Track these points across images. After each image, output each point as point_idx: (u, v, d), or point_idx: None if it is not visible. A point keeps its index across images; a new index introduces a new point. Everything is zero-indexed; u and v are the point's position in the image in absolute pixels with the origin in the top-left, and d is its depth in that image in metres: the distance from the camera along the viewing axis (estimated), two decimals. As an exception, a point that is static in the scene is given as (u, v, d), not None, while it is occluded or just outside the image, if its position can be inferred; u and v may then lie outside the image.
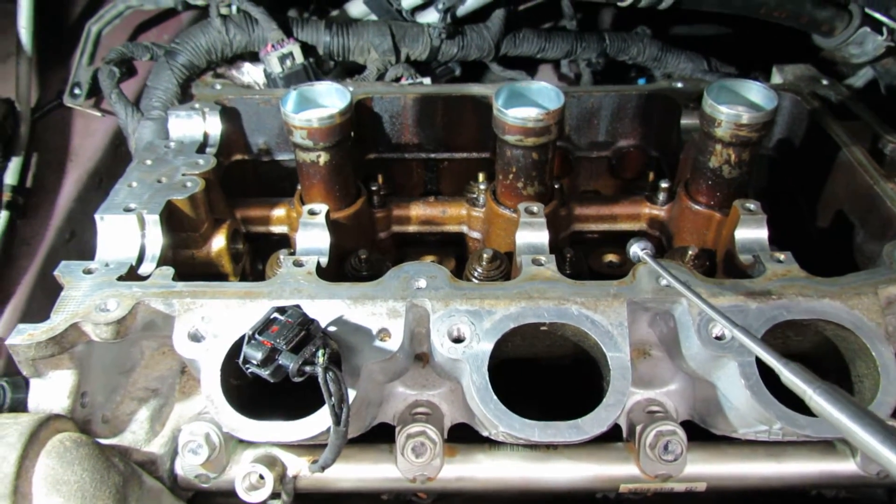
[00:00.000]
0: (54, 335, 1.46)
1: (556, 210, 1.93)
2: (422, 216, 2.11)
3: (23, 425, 1.39)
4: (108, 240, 1.75)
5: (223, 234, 1.94)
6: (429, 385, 1.71)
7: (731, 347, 1.45)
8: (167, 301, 1.54)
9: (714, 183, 1.85)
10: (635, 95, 2.22)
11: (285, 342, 1.34)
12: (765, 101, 1.77)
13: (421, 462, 1.58)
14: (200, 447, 1.56)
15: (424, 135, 2.26)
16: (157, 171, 1.91)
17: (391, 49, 2.45)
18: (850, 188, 1.93)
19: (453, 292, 1.55)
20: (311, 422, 1.41)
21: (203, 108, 2.14)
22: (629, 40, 2.72)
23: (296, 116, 1.77)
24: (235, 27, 2.34)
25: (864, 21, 2.25)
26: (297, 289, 1.57)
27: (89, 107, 2.48)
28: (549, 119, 1.73)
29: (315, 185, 1.89)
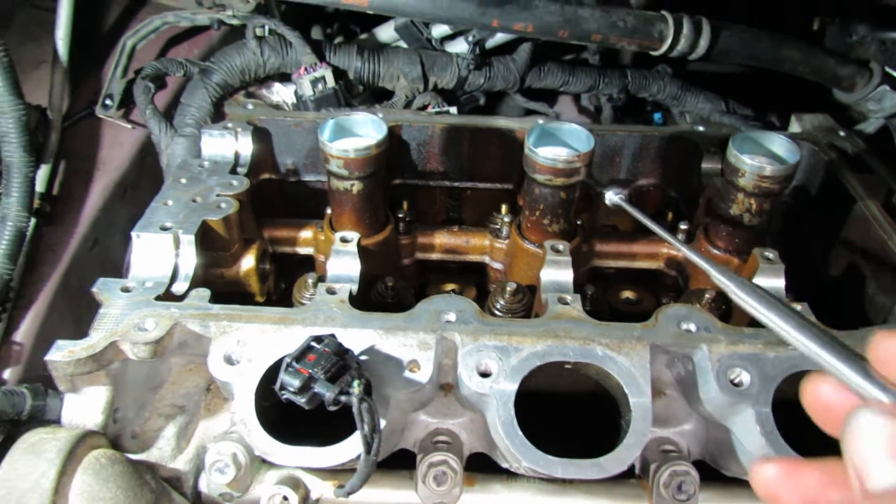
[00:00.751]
0: (94, 353, 1.50)
1: (578, 246, 1.98)
2: (445, 245, 2.15)
3: (61, 441, 1.43)
4: (143, 257, 1.79)
5: (252, 254, 1.98)
6: (450, 414, 1.75)
7: (749, 395, 1.50)
8: (204, 323, 1.58)
9: (734, 230, 1.91)
10: (657, 136, 2.28)
11: (322, 371, 1.38)
12: (788, 155, 1.82)
13: (441, 490, 1.62)
14: (227, 467, 1.60)
15: (450, 163, 2.32)
16: (192, 191, 1.96)
17: (420, 77, 2.50)
18: (864, 240, 1.98)
19: (482, 327, 1.59)
20: (342, 449, 1.45)
21: (236, 128, 2.18)
22: (650, 78, 2.79)
23: (333, 146, 1.81)
24: (270, 49, 2.39)
25: (883, 79, 2.31)
26: (331, 317, 1.61)
27: (119, 118, 2.52)
28: (579, 161, 1.78)
29: (346, 213, 1.94)
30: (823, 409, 0.81)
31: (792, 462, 0.81)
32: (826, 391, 0.81)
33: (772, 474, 0.81)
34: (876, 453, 0.68)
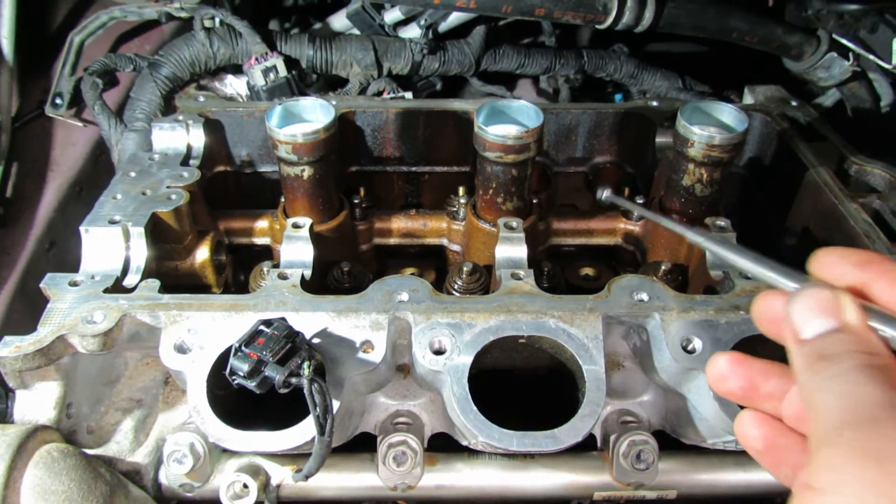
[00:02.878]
0: (41, 347, 1.48)
1: (534, 224, 1.98)
2: (403, 229, 2.15)
3: (10, 437, 1.41)
4: (92, 252, 1.77)
5: (207, 245, 1.96)
6: (409, 395, 1.75)
7: (702, 361, 1.51)
8: (153, 313, 1.56)
9: (687, 200, 1.92)
10: (612, 113, 2.29)
11: (271, 354, 1.37)
12: (736, 123, 1.83)
13: (402, 471, 1.62)
14: (185, 457, 1.59)
15: (406, 148, 2.31)
16: (142, 184, 1.94)
17: (374, 63, 2.49)
18: (816, 207, 2.00)
19: (435, 305, 1.59)
20: (296, 432, 1.44)
21: (187, 120, 2.16)
22: (606, 58, 2.79)
23: (280, 131, 1.80)
24: (219, 40, 2.37)
25: (831, 46, 2.33)
26: (282, 301, 1.60)
27: (70, 117, 2.49)
28: (528, 137, 1.78)
29: (299, 199, 1.93)
30: (771, 319, 0.96)
31: (741, 355, 1.00)
32: (775, 304, 0.96)
33: (722, 362, 1.01)
34: (807, 312, 0.87)
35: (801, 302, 0.89)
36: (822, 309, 0.87)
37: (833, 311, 0.86)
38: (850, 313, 0.86)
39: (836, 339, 0.84)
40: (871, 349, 0.83)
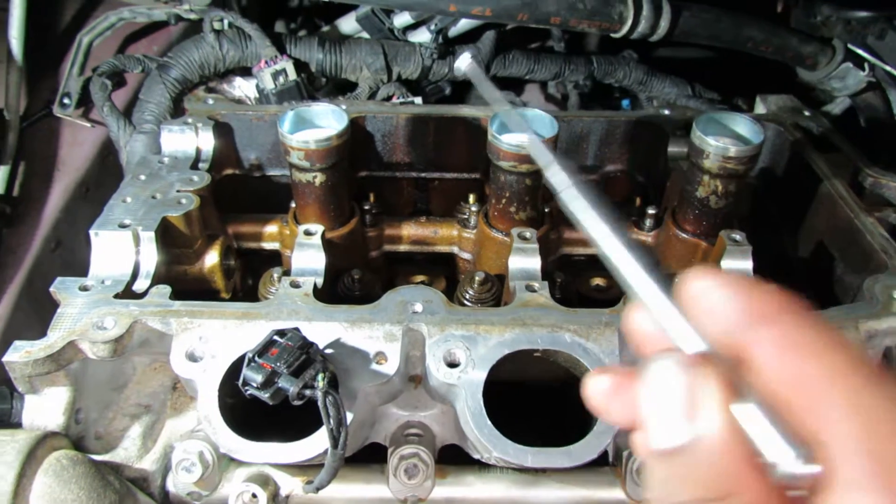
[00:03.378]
0: (51, 353, 1.46)
1: (546, 234, 1.96)
2: (413, 236, 2.13)
3: (20, 443, 1.39)
4: (102, 256, 1.75)
5: (216, 250, 1.95)
6: (421, 406, 1.73)
7: (718, 376, 1.49)
8: (165, 320, 1.55)
9: (701, 212, 1.90)
10: (623, 121, 2.27)
11: (285, 365, 1.36)
12: (752, 135, 1.82)
13: (413, 483, 1.61)
14: (194, 465, 1.57)
15: (416, 154, 2.29)
16: (152, 187, 1.92)
17: (383, 68, 2.47)
18: (831, 220, 1.98)
19: (449, 317, 1.57)
20: (309, 444, 1.42)
21: (196, 123, 2.14)
22: (616, 64, 2.78)
23: (293, 137, 1.79)
24: (229, 42, 2.35)
25: (846, 56, 2.32)
26: (295, 310, 1.59)
27: (78, 117, 2.47)
28: (543, 147, 1.76)
29: (310, 205, 1.91)
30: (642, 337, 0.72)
31: (622, 374, 0.71)
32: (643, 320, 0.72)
33: (601, 388, 0.72)
34: (663, 406, 0.62)
35: (653, 376, 0.64)
36: (679, 398, 0.61)
37: (689, 410, 0.60)
38: (708, 415, 0.59)
39: (683, 470, 0.59)
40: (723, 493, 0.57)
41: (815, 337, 0.60)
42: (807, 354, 0.59)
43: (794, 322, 0.61)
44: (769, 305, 0.63)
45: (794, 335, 0.60)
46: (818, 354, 0.59)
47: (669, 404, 0.61)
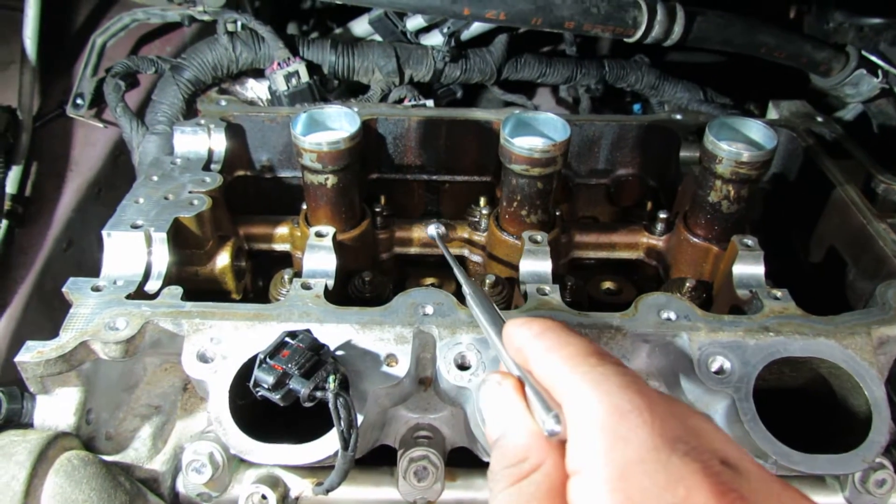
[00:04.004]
0: (63, 353, 1.47)
1: (557, 237, 1.96)
2: (424, 238, 2.13)
3: (32, 443, 1.40)
4: (114, 256, 1.76)
5: (227, 251, 1.95)
6: (430, 409, 1.73)
7: (730, 383, 1.49)
8: (176, 321, 1.55)
9: (713, 217, 1.90)
10: (636, 126, 2.27)
11: (297, 367, 1.36)
12: (765, 140, 1.81)
13: (423, 486, 1.61)
14: (204, 466, 1.58)
15: (427, 157, 2.29)
16: (164, 188, 1.93)
17: (395, 70, 2.48)
18: (843, 226, 1.98)
19: (460, 319, 1.57)
20: (319, 446, 1.42)
21: (208, 124, 2.15)
22: (628, 68, 2.78)
23: (305, 139, 1.79)
24: (242, 44, 2.36)
25: (860, 63, 2.31)
26: (306, 312, 1.59)
27: (91, 117, 2.49)
28: (555, 150, 1.76)
29: (322, 207, 1.91)
30: None
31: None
32: None
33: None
34: (489, 414, 0.93)
35: (481, 396, 0.95)
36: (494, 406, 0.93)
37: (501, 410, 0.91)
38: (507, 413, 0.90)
39: (499, 451, 0.87)
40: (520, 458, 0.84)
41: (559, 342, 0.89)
42: (550, 353, 0.88)
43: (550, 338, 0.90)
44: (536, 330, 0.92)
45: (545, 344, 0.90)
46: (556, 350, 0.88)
47: (491, 410, 0.93)
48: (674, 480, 0.71)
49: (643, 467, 0.72)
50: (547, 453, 0.82)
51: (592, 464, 0.75)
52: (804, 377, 1.67)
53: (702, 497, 0.69)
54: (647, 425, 0.75)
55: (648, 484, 0.71)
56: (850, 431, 1.54)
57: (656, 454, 0.73)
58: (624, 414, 0.76)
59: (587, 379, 0.82)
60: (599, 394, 0.79)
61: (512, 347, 0.96)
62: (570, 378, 0.83)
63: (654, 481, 0.71)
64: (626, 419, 0.76)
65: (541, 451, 0.82)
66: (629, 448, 0.74)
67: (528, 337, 0.92)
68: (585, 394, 0.80)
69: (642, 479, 0.71)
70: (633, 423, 0.75)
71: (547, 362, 0.88)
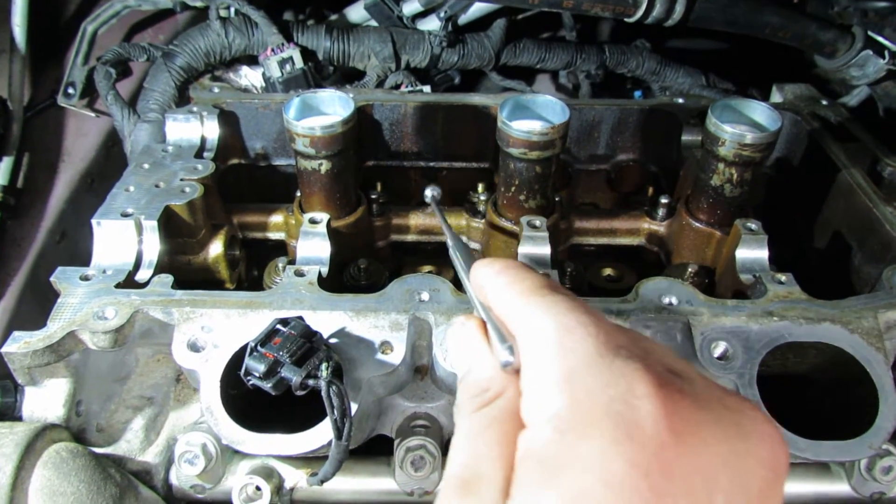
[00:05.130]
0: (51, 343, 1.43)
1: (556, 223, 1.92)
2: (421, 226, 2.10)
3: (19, 435, 1.37)
4: (104, 245, 1.72)
5: (220, 240, 1.92)
6: (427, 398, 1.70)
7: (733, 369, 1.46)
8: (166, 310, 1.52)
9: (715, 201, 1.86)
10: (636, 110, 2.22)
11: (288, 355, 1.32)
12: (768, 122, 1.77)
13: (420, 476, 1.57)
14: (197, 458, 1.55)
15: (424, 143, 2.25)
16: (155, 176, 1.89)
17: (391, 56, 2.44)
18: (849, 210, 1.94)
19: (456, 306, 1.53)
20: (312, 435, 1.39)
21: (201, 112, 2.11)
22: (628, 53, 2.73)
23: (298, 124, 1.75)
24: (235, 30, 2.32)
25: (866, 44, 2.26)
26: (299, 299, 1.55)
27: (83, 107, 2.45)
28: (554, 133, 1.72)
29: (316, 193, 1.88)
30: None
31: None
32: None
33: None
34: (455, 354, 0.99)
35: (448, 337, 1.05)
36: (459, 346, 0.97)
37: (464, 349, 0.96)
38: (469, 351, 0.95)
39: (464, 386, 0.91)
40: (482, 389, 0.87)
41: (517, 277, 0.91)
42: (508, 288, 0.90)
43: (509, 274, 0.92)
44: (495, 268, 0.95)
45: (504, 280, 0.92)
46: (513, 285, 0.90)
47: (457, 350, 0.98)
48: (616, 376, 0.75)
49: (587, 370, 0.76)
50: (509, 382, 0.86)
51: (541, 376, 0.79)
52: (809, 363, 1.63)
53: (642, 388, 0.73)
54: (592, 336, 0.79)
55: (592, 383, 0.75)
56: (856, 418, 1.51)
57: (599, 358, 0.77)
58: (570, 329, 0.80)
59: (539, 306, 0.85)
60: (548, 317, 0.83)
61: (476, 286, 0.99)
62: (524, 309, 0.86)
63: (597, 380, 0.75)
64: (572, 333, 0.80)
65: (502, 381, 0.86)
66: (574, 356, 0.78)
67: (489, 274, 0.95)
68: (536, 319, 0.84)
69: (586, 380, 0.75)
70: (578, 335, 0.79)
71: (504, 297, 0.91)
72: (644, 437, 0.70)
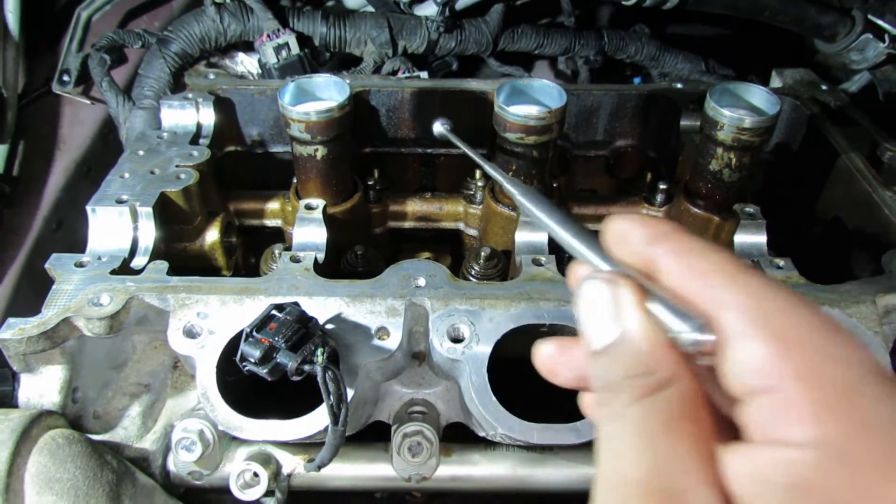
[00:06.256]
0: (46, 330, 1.43)
1: (554, 209, 1.91)
2: (418, 212, 2.09)
3: (14, 422, 1.36)
4: (99, 232, 1.72)
5: (216, 227, 1.91)
6: (425, 384, 1.69)
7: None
8: (162, 296, 1.51)
9: (714, 186, 1.85)
10: (635, 95, 2.21)
11: (284, 340, 1.32)
12: (767, 106, 1.76)
13: (417, 461, 1.57)
14: (194, 444, 1.54)
15: (421, 129, 2.24)
16: (150, 162, 1.88)
17: (388, 42, 2.42)
18: (848, 195, 1.93)
19: (453, 291, 1.53)
20: (309, 421, 1.39)
21: (196, 98, 2.10)
22: (627, 39, 2.71)
23: (293, 109, 1.74)
24: (230, 16, 2.30)
25: (866, 27, 2.24)
26: (295, 285, 1.55)
27: (78, 94, 2.44)
28: (551, 118, 1.71)
29: (312, 179, 1.87)
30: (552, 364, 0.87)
31: (565, 340, 0.86)
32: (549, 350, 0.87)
33: (548, 352, 0.87)
34: (594, 316, 0.75)
35: (584, 295, 0.76)
36: (605, 306, 0.74)
37: (614, 311, 0.74)
38: (628, 313, 0.73)
39: (615, 359, 0.73)
40: (649, 369, 0.69)
41: (701, 244, 0.75)
42: (695, 255, 0.73)
43: (683, 238, 0.76)
44: (662, 229, 0.77)
45: (685, 245, 0.74)
46: (704, 255, 0.73)
47: (598, 311, 0.75)
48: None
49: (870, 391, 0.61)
50: (679, 367, 0.69)
51: (792, 384, 0.62)
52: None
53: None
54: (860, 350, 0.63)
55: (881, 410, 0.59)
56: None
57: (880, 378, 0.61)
58: (829, 332, 0.64)
59: (772, 294, 0.68)
60: (794, 311, 0.66)
61: (626, 249, 0.78)
62: (733, 288, 0.69)
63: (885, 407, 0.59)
64: (834, 337, 0.64)
65: (671, 364, 0.69)
66: (848, 370, 0.62)
67: (652, 237, 0.76)
68: (775, 310, 0.66)
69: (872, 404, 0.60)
70: (844, 346, 0.64)
71: (692, 268, 0.73)
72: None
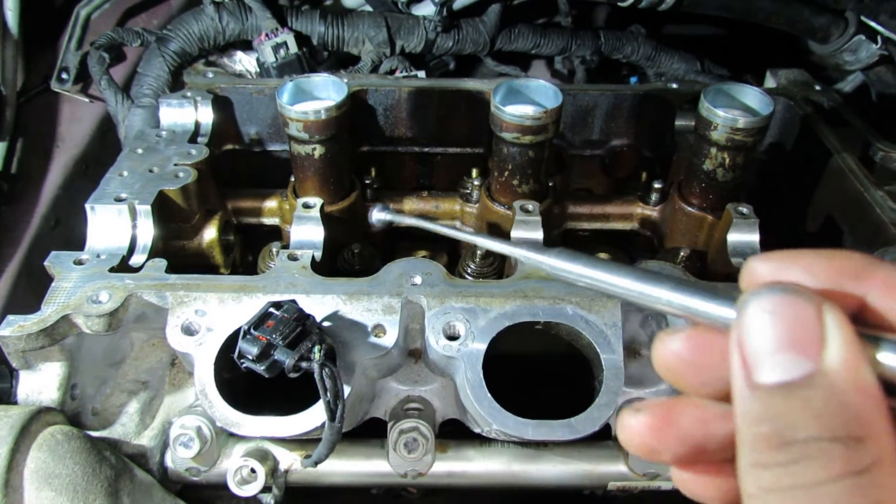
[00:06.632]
0: (45, 327, 1.44)
1: (549, 208, 1.93)
2: (415, 211, 2.10)
3: (13, 418, 1.38)
4: (98, 230, 1.73)
5: (214, 225, 1.92)
6: (421, 381, 1.71)
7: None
8: (160, 294, 1.52)
9: (707, 185, 1.86)
10: (630, 95, 2.23)
11: (281, 337, 1.33)
12: (761, 107, 1.78)
13: (413, 458, 1.59)
14: (192, 441, 1.55)
15: (418, 128, 2.25)
16: (149, 161, 1.89)
17: (386, 41, 2.43)
18: (841, 194, 1.94)
19: (449, 289, 1.54)
20: (306, 417, 1.40)
21: (195, 97, 2.11)
22: (623, 39, 2.72)
23: (292, 108, 1.75)
24: (229, 15, 2.31)
25: (859, 29, 2.26)
26: (292, 283, 1.56)
27: (77, 92, 2.44)
28: (547, 118, 1.73)
29: (309, 178, 1.88)
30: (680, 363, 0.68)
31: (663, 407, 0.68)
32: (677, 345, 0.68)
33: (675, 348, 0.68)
34: (771, 334, 0.56)
35: (762, 312, 0.57)
36: (796, 331, 0.55)
37: (811, 340, 0.54)
38: (835, 349, 0.53)
39: (808, 406, 0.52)
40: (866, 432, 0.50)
41: None
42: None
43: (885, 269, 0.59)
44: (856, 262, 0.61)
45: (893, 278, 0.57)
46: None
47: (786, 333, 0.55)
48: None
49: None
50: (888, 434, 0.51)
51: None
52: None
53: None
54: None
55: None
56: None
57: None
58: None
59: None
60: None
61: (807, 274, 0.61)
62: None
63: None
64: None
65: (882, 428, 0.51)
66: None
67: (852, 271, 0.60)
68: None
69: None
70: None
71: None
72: None
